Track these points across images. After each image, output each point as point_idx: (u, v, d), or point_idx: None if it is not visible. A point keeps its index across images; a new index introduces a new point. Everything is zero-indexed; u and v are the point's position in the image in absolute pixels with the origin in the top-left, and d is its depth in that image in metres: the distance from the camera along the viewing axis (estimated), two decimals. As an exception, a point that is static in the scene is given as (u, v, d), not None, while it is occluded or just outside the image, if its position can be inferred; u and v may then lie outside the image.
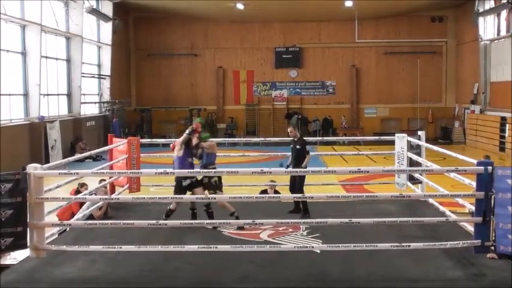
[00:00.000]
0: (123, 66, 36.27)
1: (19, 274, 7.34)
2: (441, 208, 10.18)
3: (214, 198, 8.59)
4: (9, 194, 7.24)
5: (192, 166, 9.62)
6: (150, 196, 8.68)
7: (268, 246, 8.20)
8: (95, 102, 31.91)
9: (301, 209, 10.34)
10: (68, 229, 9.40)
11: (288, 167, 10.57)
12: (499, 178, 7.20)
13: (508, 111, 26.43)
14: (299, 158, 10.48)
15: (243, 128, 37.07)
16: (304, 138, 11.04)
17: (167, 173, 8.23)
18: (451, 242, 7.61)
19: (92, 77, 31.32)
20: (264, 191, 11.94)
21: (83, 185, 11.11)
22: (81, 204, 10.71)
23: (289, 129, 10.95)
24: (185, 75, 37.38)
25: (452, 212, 10.09)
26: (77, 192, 10.91)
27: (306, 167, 10.31)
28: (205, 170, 9.23)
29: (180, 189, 9.38)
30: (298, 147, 10.54)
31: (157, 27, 36.67)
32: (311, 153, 10.65)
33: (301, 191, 10.11)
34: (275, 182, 11.98)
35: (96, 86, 32.34)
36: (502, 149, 27.51)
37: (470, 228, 8.17)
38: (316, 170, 8.43)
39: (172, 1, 31.74)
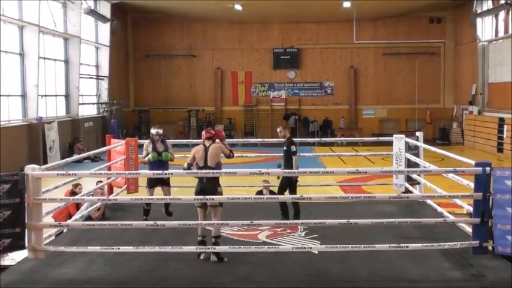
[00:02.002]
0: (122, 67, 36.26)
1: (17, 275, 7.32)
2: (439, 209, 10.19)
3: (213, 199, 8.55)
4: (7, 195, 7.22)
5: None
6: (148, 197, 8.67)
7: (266, 247, 8.19)
8: (93, 103, 31.90)
9: (282, 210, 10.03)
10: (65, 230, 9.38)
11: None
12: (497, 179, 7.20)
13: (506, 112, 26.46)
14: (287, 160, 10.17)
15: (241, 128, 37.10)
16: (292, 137, 10.60)
17: (165, 173, 8.23)
18: (449, 243, 7.61)
19: (90, 78, 31.31)
20: (260, 192, 11.95)
21: (76, 185, 11.08)
22: (78, 205, 10.69)
23: (278, 130, 10.58)
24: (183, 76, 37.40)
25: (450, 213, 10.09)
26: (72, 193, 10.87)
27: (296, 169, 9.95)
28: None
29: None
30: (285, 148, 10.24)
31: (156, 28, 36.67)
32: (306, 154, 10.54)
33: (282, 194, 9.93)
34: (269, 182, 11.99)
35: (94, 87, 32.32)
36: (500, 149, 27.55)
37: (469, 229, 8.17)
38: (314, 170, 8.42)
39: (171, 2, 31.74)
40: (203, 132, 8.46)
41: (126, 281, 7.17)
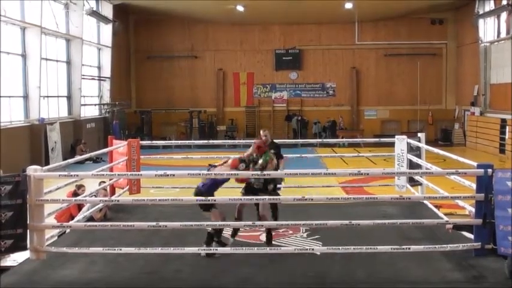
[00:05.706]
0: (123, 68, 36.27)
1: (19, 276, 7.34)
2: (439, 213, 10.21)
3: (214, 201, 8.53)
4: (9, 196, 7.24)
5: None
6: (150, 198, 8.69)
7: (268, 248, 8.20)
8: (95, 104, 31.90)
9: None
10: (67, 231, 9.40)
11: None
12: (499, 180, 7.19)
13: (508, 113, 26.42)
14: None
15: (243, 129, 37.07)
16: (275, 141, 10.26)
17: (167, 175, 8.23)
18: (451, 245, 7.61)
19: (92, 79, 31.31)
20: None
21: (80, 186, 11.09)
22: (79, 206, 10.69)
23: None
24: (185, 77, 37.39)
25: (452, 214, 10.09)
26: (75, 194, 10.88)
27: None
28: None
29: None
30: (272, 151, 9.47)
31: (158, 29, 36.67)
32: (308, 155, 10.35)
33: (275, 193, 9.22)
34: None
35: (96, 88, 32.33)
36: (502, 151, 27.49)
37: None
38: (316, 172, 8.42)
39: (173, 2, 31.75)
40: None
41: (128, 282, 7.18)
